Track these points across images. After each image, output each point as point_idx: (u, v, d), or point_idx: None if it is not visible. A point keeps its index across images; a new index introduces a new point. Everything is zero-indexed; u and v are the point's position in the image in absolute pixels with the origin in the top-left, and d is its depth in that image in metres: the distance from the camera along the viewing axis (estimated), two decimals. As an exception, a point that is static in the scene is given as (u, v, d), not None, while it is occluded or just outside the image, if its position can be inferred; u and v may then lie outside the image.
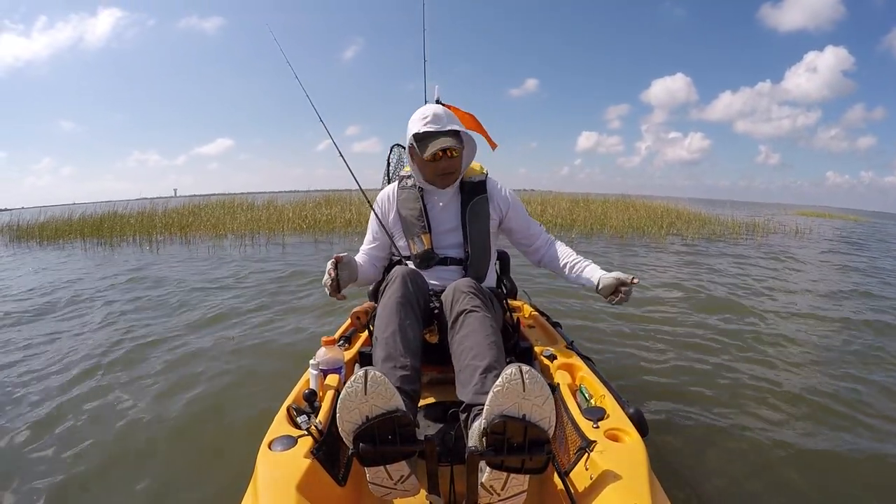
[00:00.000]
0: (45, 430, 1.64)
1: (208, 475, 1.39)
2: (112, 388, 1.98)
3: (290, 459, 0.81)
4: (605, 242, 7.39)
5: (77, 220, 9.15)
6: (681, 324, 3.03)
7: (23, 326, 2.98)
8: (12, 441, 1.58)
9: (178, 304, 3.47)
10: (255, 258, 5.79)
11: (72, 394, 1.93)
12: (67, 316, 3.22)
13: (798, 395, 2.00)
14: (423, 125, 1.27)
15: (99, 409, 1.80)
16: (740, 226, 10.35)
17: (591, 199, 12.52)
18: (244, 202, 11.42)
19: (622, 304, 1.29)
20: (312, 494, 0.76)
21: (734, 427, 1.71)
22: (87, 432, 1.63)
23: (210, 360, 2.29)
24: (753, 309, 3.41)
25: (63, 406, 1.82)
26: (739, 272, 5.02)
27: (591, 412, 0.96)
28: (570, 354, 1.32)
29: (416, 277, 1.17)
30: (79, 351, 2.46)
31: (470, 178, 1.40)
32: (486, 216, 1.38)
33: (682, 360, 2.36)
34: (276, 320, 3.01)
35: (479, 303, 1.07)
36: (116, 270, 5.01)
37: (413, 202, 1.38)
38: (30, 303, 3.58)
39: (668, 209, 11.55)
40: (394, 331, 1.04)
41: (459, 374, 1.00)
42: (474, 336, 1.01)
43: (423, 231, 1.35)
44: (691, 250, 6.75)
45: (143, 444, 1.56)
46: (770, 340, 2.72)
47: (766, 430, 1.69)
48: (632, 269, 4.77)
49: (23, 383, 2.05)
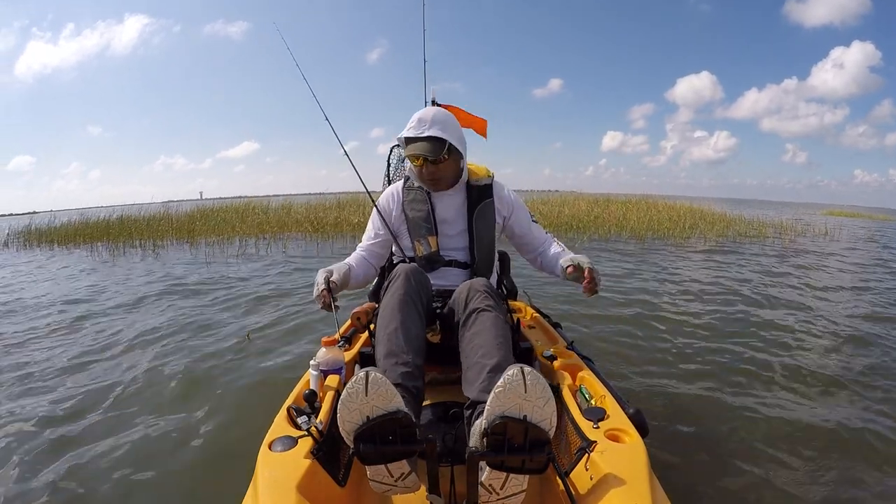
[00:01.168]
0: (45, 427, 1.64)
1: (208, 475, 1.39)
2: (109, 386, 1.98)
3: (291, 460, 0.81)
4: (622, 245, 7.03)
5: (92, 224, 9.15)
6: (681, 325, 3.02)
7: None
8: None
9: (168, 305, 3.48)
10: (255, 258, 5.80)
11: (70, 391, 1.93)
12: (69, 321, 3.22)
13: (799, 395, 2.01)
14: (406, 129, 1.28)
15: (98, 409, 1.80)
16: (766, 226, 9.70)
17: (612, 200, 12.00)
18: (259, 205, 11.29)
19: (593, 295, 1.20)
20: (312, 495, 0.76)
21: (734, 427, 1.71)
22: (86, 431, 1.63)
23: (211, 361, 2.29)
24: (757, 313, 3.41)
25: (60, 404, 1.82)
26: (755, 274, 4.91)
27: (592, 412, 0.96)
28: (570, 355, 1.32)
29: (420, 276, 1.17)
30: (77, 345, 2.46)
31: (476, 181, 1.39)
32: (492, 220, 1.37)
33: (682, 361, 2.36)
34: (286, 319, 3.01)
35: (492, 303, 1.08)
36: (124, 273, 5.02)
37: (421, 204, 1.37)
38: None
39: (692, 210, 11.07)
40: (396, 327, 1.04)
41: (467, 372, 1.00)
42: (485, 334, 1.01)
43: (430, 233, 1.35)
44: (711, 253, 6.45)
45: (144, 443, 1.56)
46: (770, 342, 2.72)
47: (767, 431, 1.69)
48: (647, 274, 4.67)
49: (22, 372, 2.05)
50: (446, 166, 1.30)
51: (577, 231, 8.40)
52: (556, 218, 9.07)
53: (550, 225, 8.37)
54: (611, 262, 5.37)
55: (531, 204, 11.31)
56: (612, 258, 5.71)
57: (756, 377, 2.17)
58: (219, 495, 1.27)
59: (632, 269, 4.99)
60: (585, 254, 1.27)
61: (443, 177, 1.32)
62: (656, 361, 2.35)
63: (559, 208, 10.37)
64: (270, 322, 2.98)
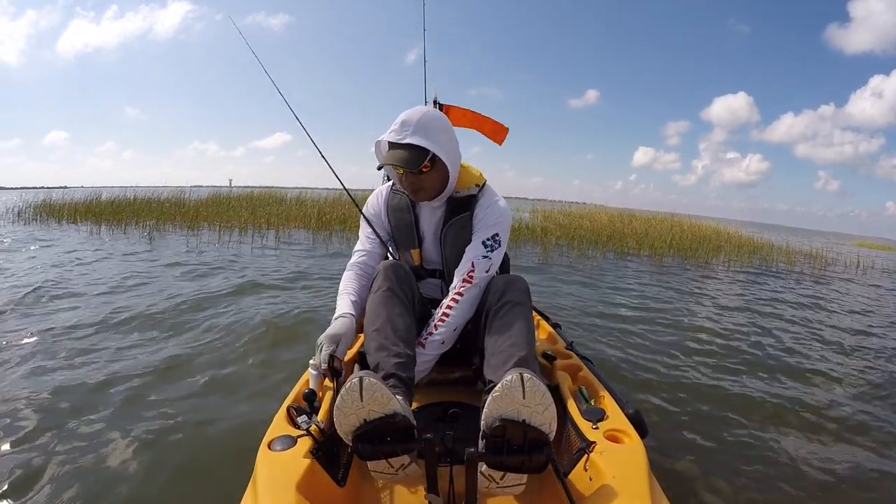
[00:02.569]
0: (42, 425, 1.63)
1: (208, 475, 1.39)
2: (105, 383, 1.98)
3: (290, 459, 0.81)
4: (637, 264, 6.47)
5: (103, 203, 9.28)
6: (682, 326, 3.03)
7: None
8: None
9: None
10: (258, 246, 5.79)
11: (68, 388, 1.93)
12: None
13: (799, 395, 2.01)
14: (388, 132, 1.13)
15: (96, 408, 1.80)
16: (796, 254, 8.79)
17: (635, 216, 11.26)
18: (276, 195, 11.23)
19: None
20: (312, 494, 0.76)
21: (734, 428, 1.71)
22: (84, 430, 1.63)
23: (207, 359, 2.29)
24: (760, 323, 3.41)
25: (58, 401, 1.82)
26: (766, 293, 4.71)
27: (591, 413, 0.96)
28: (569, 355, 1.32)
29: (400, 269, 1.14)
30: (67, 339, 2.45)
31: (459, 192, 1.23)
32: (466, 236, 1.22)
33: (682, 362, 2.36)
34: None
35: (528, 302, 1.09)
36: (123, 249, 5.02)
37: (405, 213, 1.28)
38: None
39: (718, 231, 10.28)
40: (383, 322, 1.04)
41: (492, 357, 1.00)
42: (519, 326, 1.02)
43: (413, 245, 1.28)
44: (734, 275, 6.13)
45: (144, 443, 1.56)
46: (771, 346, 2.72)
47: (766, 431, 1.69)
48: (654, 295, 4.14)
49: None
50: (428, 178, 1.15)
51: (592, 245, 7.77)
52: (576, 231, 8.55)
53: (566, 236, 8.09)
54: (621, 278, 5.10)
55: (551, 214, 11.10)
56: (622, 275, 5.40)
57: (756, 377, 2.17)
58: (218, 495, 1.27)
59: (642, 284, 4.74)
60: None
61: (424, 188, 1.17)
62: (656, 362, 2.35)
63: (579, 220, 9.90)
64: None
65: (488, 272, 1.16)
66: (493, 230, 1.19)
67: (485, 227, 1.20)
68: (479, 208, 1.22)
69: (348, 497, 0.89)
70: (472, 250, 1.18)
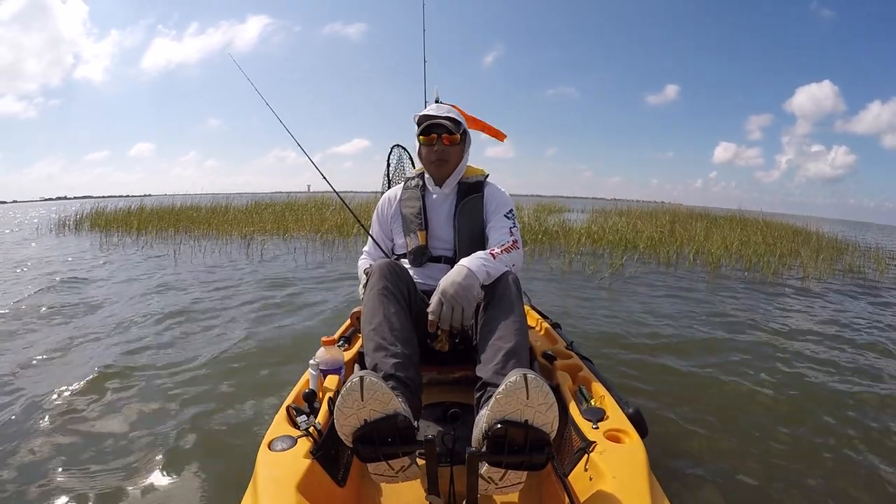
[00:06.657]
0: (25, 425, 1.64)
1: (208, 475, 1.39)
2: (105, 383, 1.98)
3: (290, 459, 0.81)
4: (683, 271, 5.28)
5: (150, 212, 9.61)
6: (682, 326, 3.03)
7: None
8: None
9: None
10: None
11: (70, 387, 1.93)
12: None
13: (799, 396, 2.00)
14: (424, 109, 1.39)
15: (96, 406, 1.80)
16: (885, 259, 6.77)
17: (702, 215, 10.53)
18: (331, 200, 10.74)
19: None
20: (312, 494, 0.76)
21: (734, 427, 1.71)
22: (84, 430, 1.63)
23: (208, 360, 2.29)
24: (764, 324, 3.41)
25: (54, 401, 1.82)
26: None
27: (591, 413, 0.96)
28: (569, 355, 1.32)
29: (395, 267, 1.15)
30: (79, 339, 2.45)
31: (467, 178, 1.43)
32: (478, 215, 1.38)
33: (682, 362, 2.35)
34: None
35: (517, 293, 1.10)
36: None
37: (414, 200, 1.42)
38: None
39: (796, 231, 9.08)
40: (380, 321, 1.03)
41: (482, 354, 1.00)
42: (505, 318, 1.02)
43: (420, 228, 1.38)
44: (795, 289, 4.61)
45: (143, 443, 1.56)
46: (769, 344, 2.72)
47: (766, 431, 1.69)
48: (684, 313, 3.34)
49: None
50: (454, 150, 1.37)
51: (644, 250, 6.43)
52: (633, 238, 7.09)
53: (603, 241, 6.99)
54: (652, 291, 4.14)
55: (604, 214, 10.89)
56: (654, 290, 4.18)
57: (756, 378, 2.17)
58: (218, 495, 1.27)
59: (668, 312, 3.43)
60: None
61: (448, 159, 1.37)
62: (656, 362, 2.35)
63: (640, 222, 8.78)
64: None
65: (519, 242, 1.27)
66: (508, 206, 1.37)
67: (500, 205, 1.37)
68: (489, 190, 1.41)
69: (349, 497, 0.89)
70: (500, 222, 1.33)
